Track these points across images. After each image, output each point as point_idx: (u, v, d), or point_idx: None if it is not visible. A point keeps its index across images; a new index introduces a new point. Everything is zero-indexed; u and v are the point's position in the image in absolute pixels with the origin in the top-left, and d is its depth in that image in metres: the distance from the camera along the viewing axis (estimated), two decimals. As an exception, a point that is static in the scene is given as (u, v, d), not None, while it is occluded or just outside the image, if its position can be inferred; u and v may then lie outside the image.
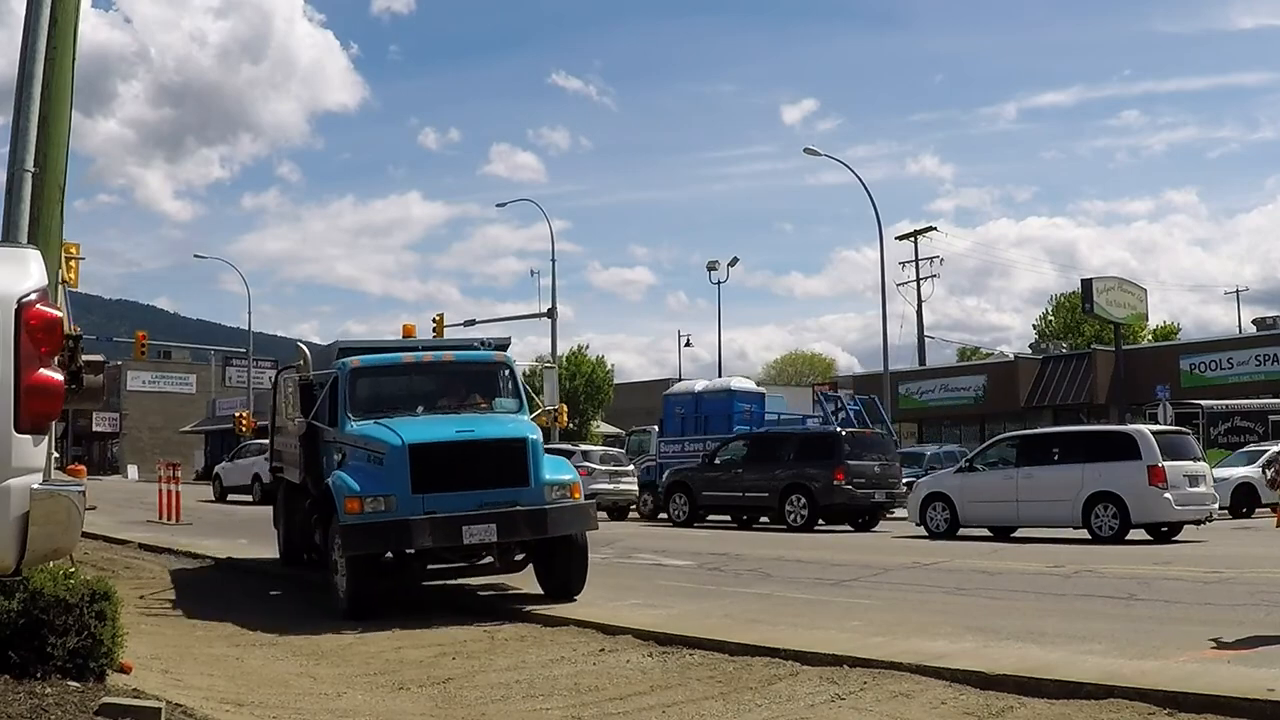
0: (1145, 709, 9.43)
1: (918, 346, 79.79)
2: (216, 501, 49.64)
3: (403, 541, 15.02)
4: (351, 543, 14.91)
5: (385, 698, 11.06)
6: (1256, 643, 11.80)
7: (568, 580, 16.19)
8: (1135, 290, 63.20)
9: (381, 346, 18.63)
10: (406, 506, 14.83)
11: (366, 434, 15.93)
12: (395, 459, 15.06)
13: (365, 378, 17.04)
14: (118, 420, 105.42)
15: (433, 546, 15.10)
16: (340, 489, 15.17)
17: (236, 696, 10.79)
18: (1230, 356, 62.48)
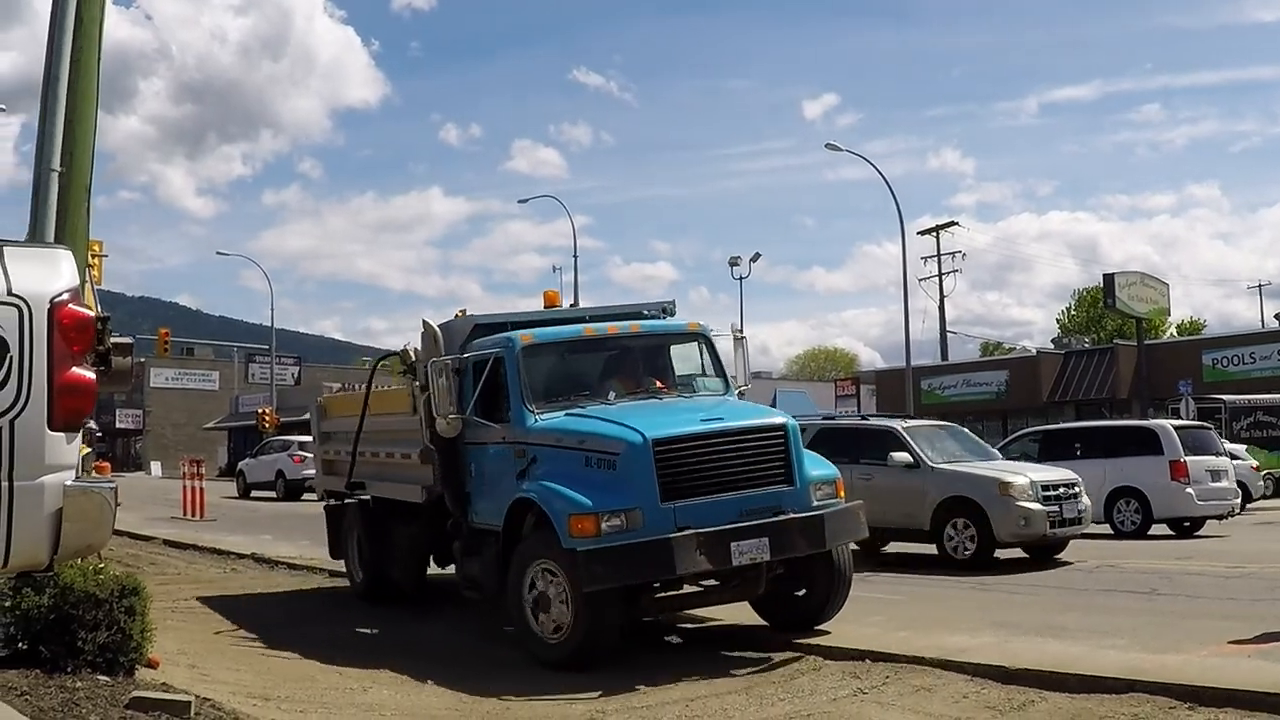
0: (1166, 703, 9.52)
1: (940, 341, 79.60)
2: (240, 498, 49.70)
3: (662, 568, 11.63)
4: (594, 574, 11.34)
5: (411, 692, 11.21)
6: (1277, 637, 11.84)
7: (823, 604, 13.09)
8: (1157, 285, 62.95)
9: (525, 320, 14.41)
10: (656, 522, 11.57)
11: (576, 429, 12.54)
12: (635, 460, 11.73)
13: (542, 357, 13.55)
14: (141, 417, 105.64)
15: (700, 572, 12.03)
16: (560, 504, 11.78)
17: (264, 691, 10.92)
18: (1252, 351, 62.21)
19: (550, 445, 12.58)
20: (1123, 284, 58.58)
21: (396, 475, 15.83)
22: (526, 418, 12.91)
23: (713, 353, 14.42)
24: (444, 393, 13.27)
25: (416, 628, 14.81)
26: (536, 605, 12.05)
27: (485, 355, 13.61)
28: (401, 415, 15.45)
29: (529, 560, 12.16)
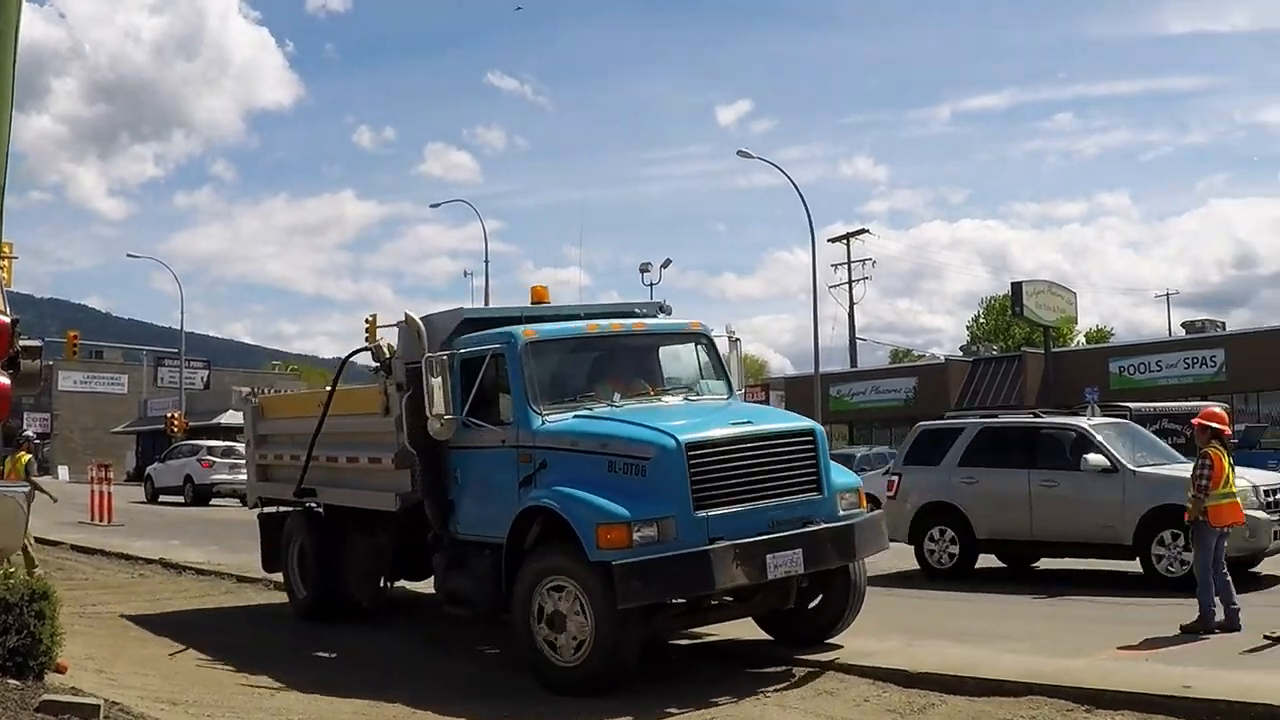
0: (1064, 705, 9.75)
1: (849, 348, 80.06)
2: (148, 503, 49.05)
3: (701, 583, 10.88)
4: (631, 589, 10.46)
5: (317, 698, 11.15)
6: (1175, 641, 12.10)
7: (838, 618, 12.60)
8: (1065, 294, 63.75)
9: (518, 316, 13.39)
10: (689, 533, 10.78)
11: (597, 431, 11.67)
12: (668, 465, 10.90)
13: (546, 355, 12.58)
14: (49, 421, 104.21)
15: (739, 586, 11.27)
16: (585, 512, 10.85)
17: (171, 695, 10.86)
18: (1159, 359, 63.11)
19: (564, 449, 11.68)
20: (1030, 292, 59.31)
21: (360, 481, 14.76)
22: (532, 419, 11.99)
23: (714, 354, 13.74)
24: (440, 392, 12.27)
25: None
26: (548, 625, 11.12)
27: (481, 352, 12.61)
28: (370, 416, 14.25)
29: (541, 575, 11.21)
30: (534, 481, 11.71)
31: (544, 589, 11.15)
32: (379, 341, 14.47)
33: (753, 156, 51.49)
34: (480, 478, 12.65)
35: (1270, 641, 11.80)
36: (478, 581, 12.32)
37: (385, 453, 13.66)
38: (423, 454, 12.93)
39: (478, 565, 12.36)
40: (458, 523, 12.95)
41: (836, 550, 11.61)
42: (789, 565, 11.15)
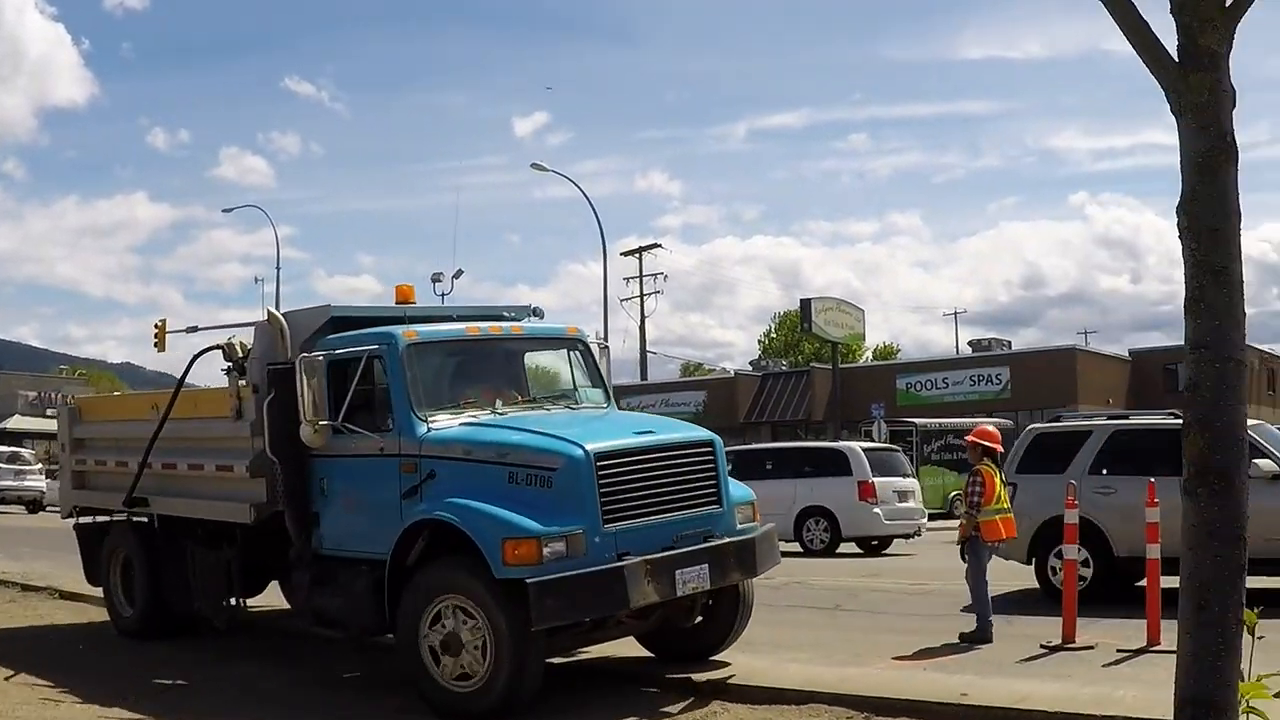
0: (844, 713, 9.83)
1: (640, 361, 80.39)
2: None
3: (615, 601, 10.20)
4: (546, 609, 9.73)
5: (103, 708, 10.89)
6: (953, 650, 12.18)
7: (725, 634, 12.08)
8: (853, 311, 64.75)
9: (388, 316, 12.50)
10: (598, 547, 10.12)
11: (495, 440, 10.85)
12: (575, 476, 10.20)
13: (426, 358, 11.71)
14: None
15: (650, 604, 10.60)
16: (488, 525, 10.04)
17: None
18: (945, 376, 64.68)
19: (456, 459, 10.80)
20: (819, 309, 60.05)
21: (205, 490, 13.53)
22: (417, 426, 11.04)
23: (592, 361, 13.06)
24: (315, 395, 11.31)
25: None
26: (441, 648, 10.25)
27: (356, 353, 11.58)
28: (218, 420, 13.04)
29: (432, 595, 10.34)
30: (420, 493, 10.81)
31: (438, 609, 10.28)
32: (230, 340, 13.28)
33: (547, 169, 51.70)
34: (353, 489, 11.65)
35: (1046, 650, 11.92)
36: (352, 601, 11.32)
37: (237, 460, 12.61)
38: (285, 462, 11.85)
39: (352, 584, 11.35)
40: (323, 537, 11.86)
41: (739, 565, 11.15)
42: (697, 580, 10.62)
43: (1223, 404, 5.89)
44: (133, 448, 14.47)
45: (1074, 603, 12.33)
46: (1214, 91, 5.98)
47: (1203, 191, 5.95)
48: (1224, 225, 5.93)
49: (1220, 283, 5.90)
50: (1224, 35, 5.99)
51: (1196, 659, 5.83)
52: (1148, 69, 6.15)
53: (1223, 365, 5.88)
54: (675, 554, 10.45)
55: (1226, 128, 6.00)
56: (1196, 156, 5.97)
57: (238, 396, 12.67)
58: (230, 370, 13.02)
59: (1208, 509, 5.83)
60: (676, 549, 10.49)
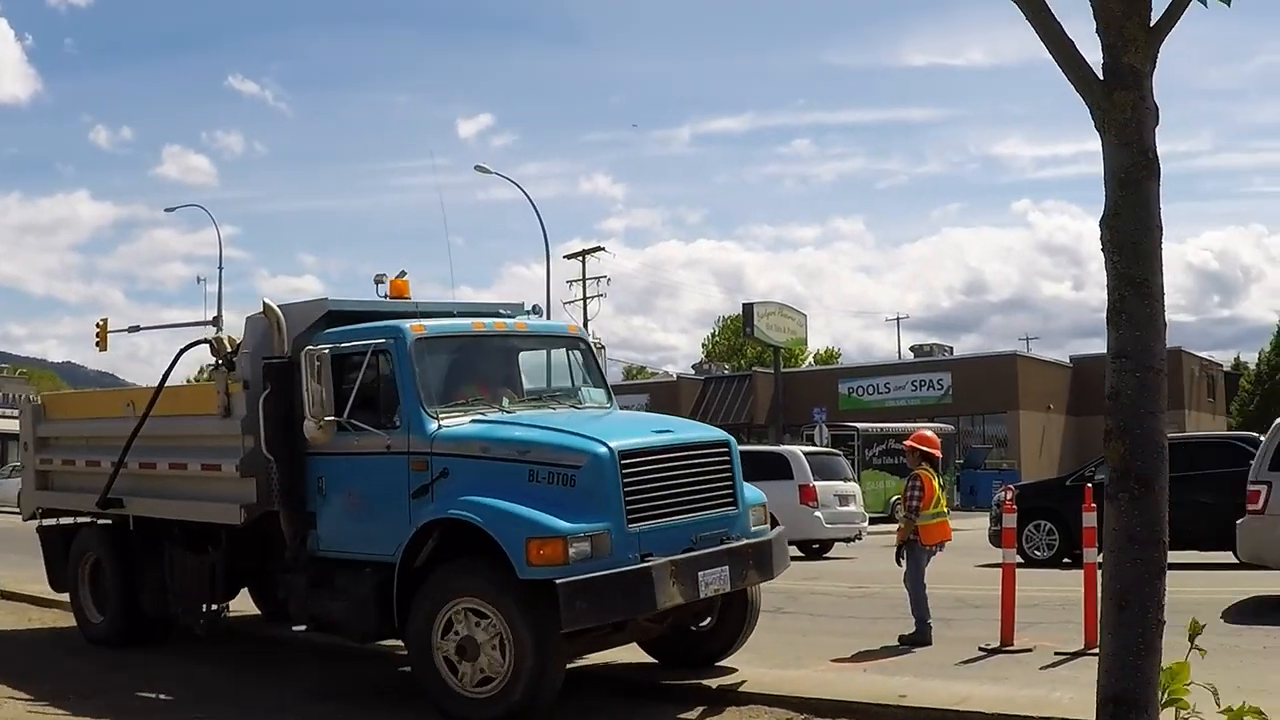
0: (784, 714, 9.99)
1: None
2: None
3: (644, 602, 9.85)
4: (576, 611, 9.43)
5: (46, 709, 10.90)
6: (892, 652, 12.32)
7: (733, 639, 11.89)
8: (795, 315, 64.96)
9: (388, 310, 12.34)
10: (623, 548, 9.87)
11: (513, 437, 10.50)
12: (599, 475, 9.94)
13: (434, 354, 11.37)
14: None
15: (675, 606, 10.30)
16: (511, 525, 9.71)
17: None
18: (887, 381, 65.19)
19: (472, 457, 10.45)
20: (761, 314, 60.22)
21: (188, 491, 13.05)
22: (426, 423, 10.69)
23: (592, 360, 12.79)
24: (321, 390, 10.86)
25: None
26: (456, 653, 9.91)
27: (360, 347, 11.22)
28: (204, 418, 12.65)
29: (446, 597, 10.00)
30: (431, 492, 10.46)
31: (449, 613, 9.96)
32: (217, 334, 13.00)
33: (490, 172, 51.46)
34: (356, 488, 11.26)
35: (985, 653, 12.07)
36: (355, 605, 10.91)
37: (225, 459, 12.23)
38: (280, 461, 11.50)
39: (353, 586, 10.95)
40: (319, 538, 11.49)
41: (757, 567, 10.97)
42: (718, 582, 10.40)
43: (1142, 412, 6.02)
44: (106, 446, 14.01)
45: (1012, 605, 12.50)
46: (1137, 109, 6.12)
47: (1125, 206, 6.09)
48: (1145, 239, 6.07)
49: (1141, 294, 6.04)
50: (1147, 54, 6.14)
51: (1117, 658, 5.98)
52: (1073, 86, 6.30)
53: (1143, 374, 6.01)
54: (698, 555, 10.26)
55: (1149, 144, 6.14)
56: (1119, 172, 6.12)
57: (226, 392, 12.32)
58: (217, 365, 12.63)
59: (1128, 513, 5.97)
60: (696, 550, 10.31)
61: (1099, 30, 6.19)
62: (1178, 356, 68.06)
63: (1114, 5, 6.09)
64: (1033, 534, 22.66)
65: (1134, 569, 5.99)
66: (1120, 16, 6.09)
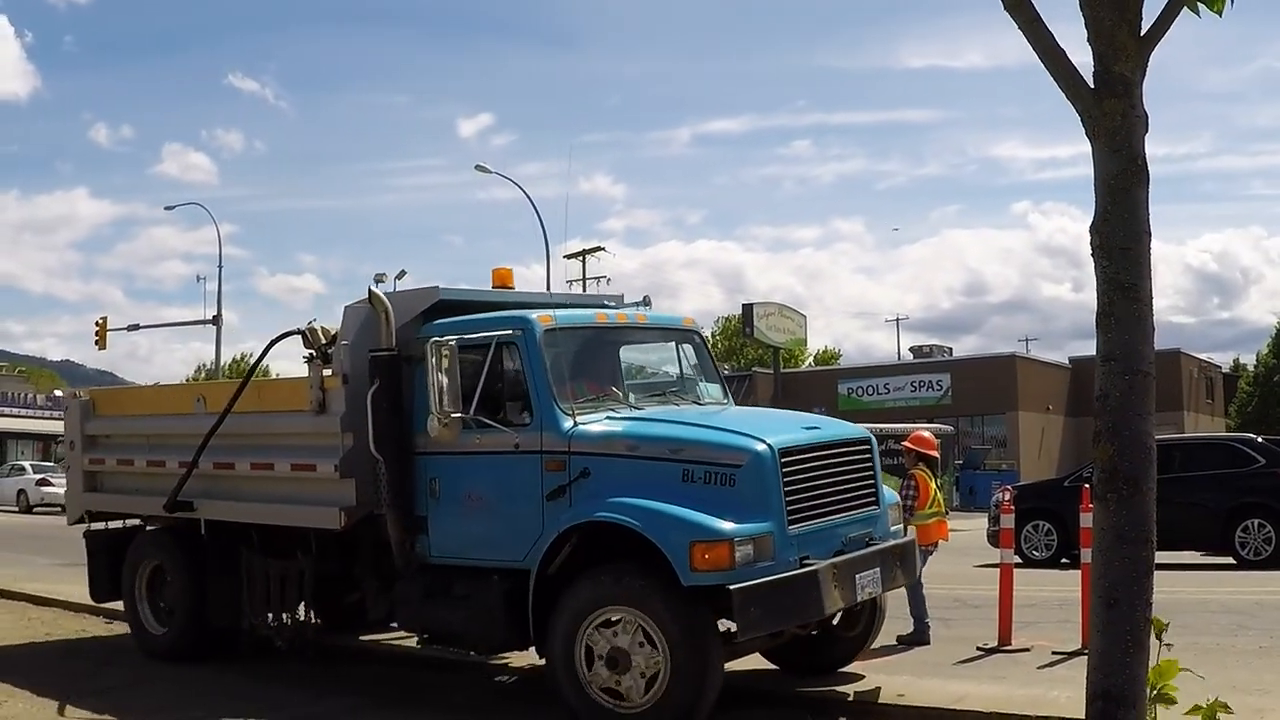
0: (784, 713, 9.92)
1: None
2: None
3: (813, 608, 9.30)
4: (751, 618, 8.87)
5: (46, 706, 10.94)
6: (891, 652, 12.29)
7: (860, 644, 11.35)
8: (795, 316, 64.93)
9: (493, 301, 11.51)
10: (784, 551, 9.24)
11: (665, 435, 9.87)
12: (760, 474, 9.28)
13: (563, 346, 10.52)
14: None
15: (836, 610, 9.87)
16: (672, 527, 9.02)
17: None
18: (887, 382, 65.16)
19: (618, 456, 9.78)
20: (761, 314, 60.16)
21: (273, 494, 12.17)
22: (561, 420, 9.98)
23: (706, 355, 12.17)
24: (448, 385, 10.05)
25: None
26: (606, 665, 9.24)
27: (484, 339, 10.44)
28: (294, 415, 11.80)
29: (593, 606, 9.33)
30: (569, 494, 9.78)
31: (595, 622, 9.31)
32: (310, 324, 12.05)
33: (490, 171, 51.34)
34: (479, 490, 10.54)
35: (983, 653, 12.13)
36: (480, 615, 10.21)
37: (320, 458, 11.37)
38: (389, 460, 10.74)
39: (478, 596, 10.23)
40: (431, 543, 10.75)
41: (901, 569, 10.55)
42: (872, 585, 9.93)
43: (1131, 414, 6.12)
44: (173, 445, 13.16)
45: (1010, 605, 12.56)
46: (1127, 116, 6.23)
47: (1114, 212, 6.20)
48: (1134, 245, 6.18)
49: (1130, 299, 6.14)
50: (1137, 63, 6.25)
51: (1106, 655, 6.08)
52: (1064, 94, 6.40)
53: (1131, 377, 6.11)
54: (854, 557, 9.80)
55: (1138, 151, 6.25)
56: (1109, 178, 6.23)
57: (321, 387, 11.46)
58: (312, 358, 11.77)
59: (1117, 513, 6.07)
60: (848, 552, 9.82)
61: (1090, 39, 6.29)
62: (1176, 358, 68.18)
63: (1104, 15, 6.20)
64: (1031, 534, 22.75)
65: (1122, 568, 6.08)
66: (1110, 26, 6.19)
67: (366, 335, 11.03)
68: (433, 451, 10.60)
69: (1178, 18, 6.28)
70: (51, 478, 50.10)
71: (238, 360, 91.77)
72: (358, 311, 11.26)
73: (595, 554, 9.49)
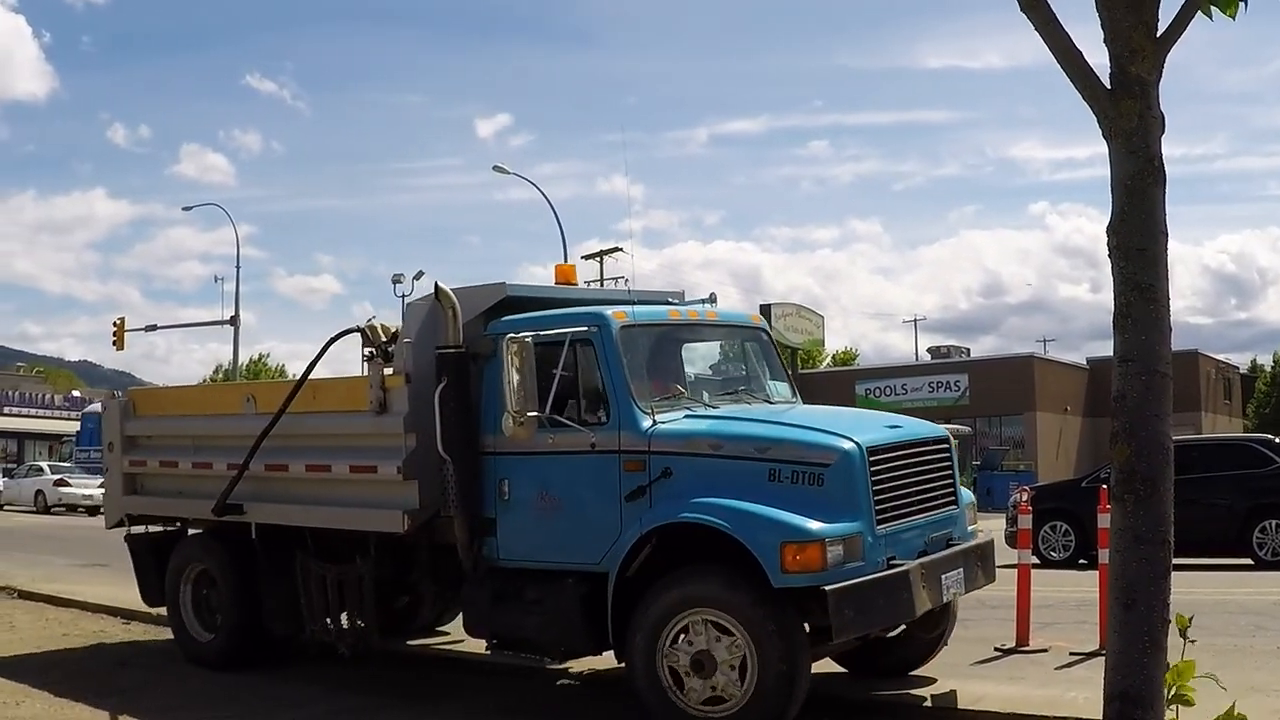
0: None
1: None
2: None
3: (904, 610, 9.22)
4: (846, 620, 8.75)
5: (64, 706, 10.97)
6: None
7: (934, 646, 11.13)
8: (813, 317, 65.03)
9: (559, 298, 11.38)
10: (873, 552, 9.09)
11: (750, 434, 9.63)
12: (849, 473, 9.12)
13: (638, 343, 10.36)
14: None
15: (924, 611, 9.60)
16: (762, 527, 8.84)
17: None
18: (905, 383, 65.12)
19: (700, 455, 9.52)
20: (779, 315, 60.23)
21: (329, 496, 11.87)
22: (640, 419, 9.75)
23: (774, 353, 11.94)
24: (524, 383, 9.75)
25: None
26: (692, 668, 9.07)
27: (558, 336, 10.12)
28: (352, 414, 11.48)
29: (677, 608, 9.15)
30: (649, 494, 9.55)
31: (678, 626, 9.14)
32: (370, 322, 11.75)
33: (508, 172, 51.42)
34: (553, 491, 10.24)
35: (1000, 653, 12.13)
36: (555, 620, 9.96)
37: (382, 460, 11.10)
38: (457, 461, 10.50)
39: (553, 600, 9.98)
40: (499, 546, 10.49)
41: (982, 570, 10.44)
42: (956, 586, 9.86)
43: (1148, 414, 6.12)
44: (221, 446, 12.90)
45: (1028, 606, 12.55)
46: (1143, 117, 6.22)
47: (1131, 213, 6.20)
48: (1151, 245, 6.18)
49: (1147, 299, 6.14)
50: (1153, 64, 6.24)
51: (1123, 656, 6.08)
52: (1080, 95, 6.41)
53: (1149, 378, 6.11)
54: (940, 557, 9.71)
55: (1155, 151, 6.24)
56: (1125, 179, 6.23)
57: (381, 386, 11.17)
58: (371, 357, 11.50)
59: (1134, 514, 6.07)
60: (931, 552, 9.70)
61: (1106, 40, 6.29)
62: (1194, 359, 68.09)
63: (1121, 16, 6.20)
64: (1049, 535, 22.76)
65: (1140, 569, 6.08)
66: (1127, 27, 6.19)
67: (430, 332, 10.80)
68: (502, 452, 10.39)
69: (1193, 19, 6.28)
70: (69, 478, 50.42)
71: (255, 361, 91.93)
72: (420, 308, 11.03)
73: (673, 556, 9.35)
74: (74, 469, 54.30)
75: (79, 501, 48.49)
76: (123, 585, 16.36)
